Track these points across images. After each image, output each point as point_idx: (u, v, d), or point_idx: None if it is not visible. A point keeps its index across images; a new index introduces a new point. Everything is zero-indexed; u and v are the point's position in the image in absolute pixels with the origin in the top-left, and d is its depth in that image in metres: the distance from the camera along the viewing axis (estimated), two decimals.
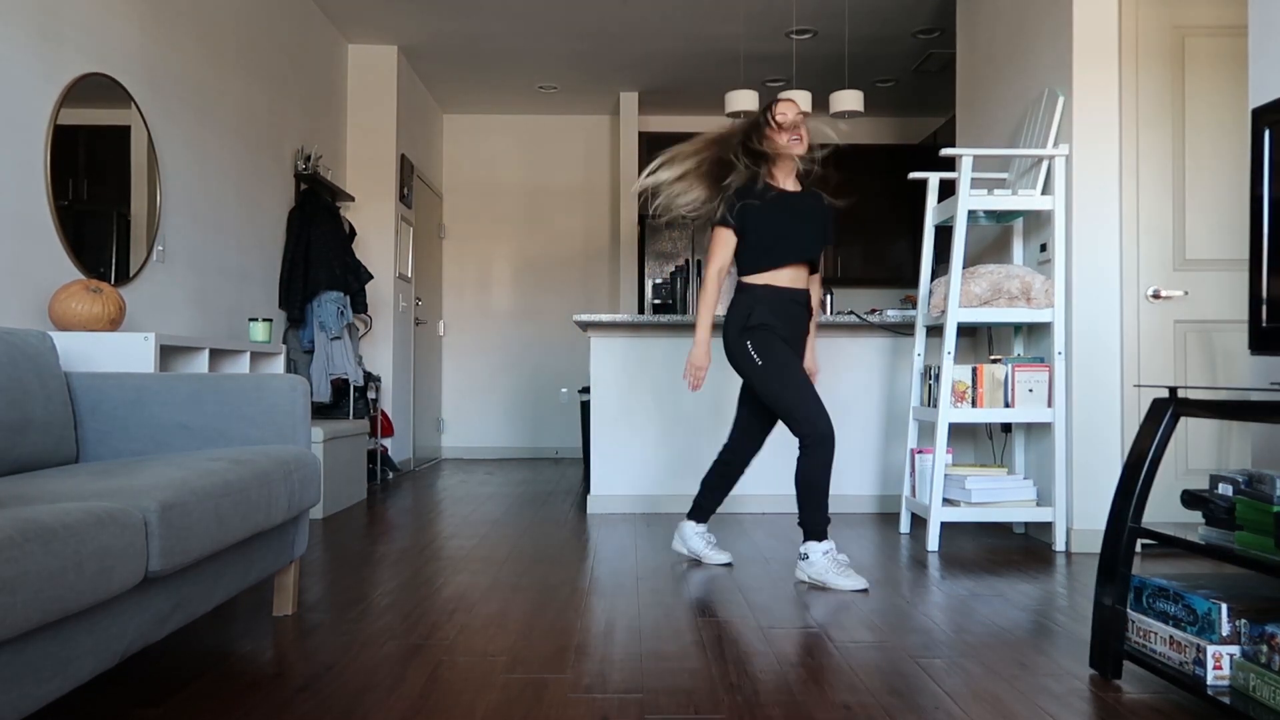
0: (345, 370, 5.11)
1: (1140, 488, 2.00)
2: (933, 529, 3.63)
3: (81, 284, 3.01)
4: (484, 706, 1.88)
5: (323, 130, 5.72)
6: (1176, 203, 3.64)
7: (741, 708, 1.88)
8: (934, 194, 4.10)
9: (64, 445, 2.40)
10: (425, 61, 6.59)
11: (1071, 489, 3.65)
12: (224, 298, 4.38)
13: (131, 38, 3.58)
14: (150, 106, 3.71)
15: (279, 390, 2.56)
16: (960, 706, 1.89)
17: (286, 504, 2.28)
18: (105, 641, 1.62)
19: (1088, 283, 3.65)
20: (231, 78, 4.45)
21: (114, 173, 3.49)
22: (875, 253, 7.57)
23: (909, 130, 7.84)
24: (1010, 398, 3.72)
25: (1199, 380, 3.61)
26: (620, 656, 2.21)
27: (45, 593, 1.35)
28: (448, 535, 3.87)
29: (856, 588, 2.92)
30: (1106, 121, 3.66)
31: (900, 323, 4.49)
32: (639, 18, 5.79)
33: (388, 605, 2.69)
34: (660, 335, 4.61)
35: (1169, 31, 3.65)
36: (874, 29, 5.95)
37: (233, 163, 4.47)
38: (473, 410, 7.79)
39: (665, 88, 7.14)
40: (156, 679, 2.04)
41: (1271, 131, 1.90)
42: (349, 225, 5.68)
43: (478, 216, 7.83)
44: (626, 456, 4.59)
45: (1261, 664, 1.69)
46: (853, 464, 4.61)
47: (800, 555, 3.02)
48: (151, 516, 1.68)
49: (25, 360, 2.32)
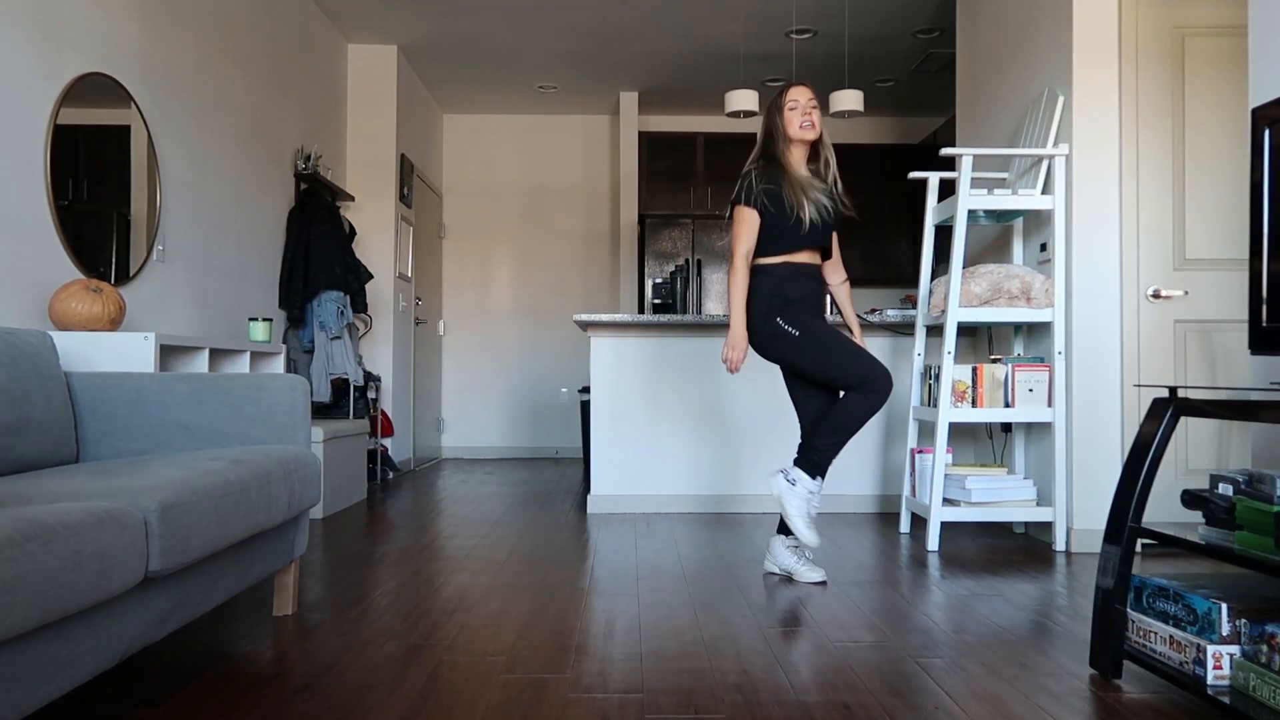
0: (345, 370, 5.11)
1: (1140, 487, 2.00)
2: (933, 529, 3.63)
3: (81, 284, 3.01)
4: (484, 706, 1.88)
5: (323, 130, 5.72)
6: (1176, 202, 3.64)
7: (741, 708, 1.88)
8: (934, 194, 4.10)
9: (64, 445, 2.40)
10: (425, 61, 6.59)
11: (1071, 489, 3.65)
12: (224, 297, 4.38)
13: (131, 37, 3.58)
14: (150, 106, 3.71)
15: (279, 390, 2.56)
16: (960, 706, 1.89)
17: (286, 504, 2.28)
18: (105, 641, 1.62)
19: (1088, 282, 3.65)
20: (232, 77, 4.45)
21: (114, 172, 3.49)
22: (875, 252, 7.56)
23: (909, 130, 7.84)
24: (1010, 397, 3.72)
25: (1199, 380, 3.61)
26: (620, 656, 2.21)
27: (45, 593, 1.35)
28: (448, 535, 3.87)
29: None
30: (1106, 121, 3.66)
31: (900, 322, 4.49)
32: (639, 17, 5.79)
33: (388, 605, 2.69)
34: (661, 335, 4.61)
35: (1169, 31, 3.65)
36: (874, 29, 5.95)
37: (232, 162, 4.47)
38: (473, 410, 7.79)
39: (665, 87, 7.14)
40: (157, 679, 2.05)
41: (1271, 131, 1.90)
42: (349, 225, 5.68)
43: (478, 216, 7.83)
44: (626, 456, 4.59)
45: (1261, 664, 1.69)
46: (853, 464, 4.61)
47: (786, 476, 2.99)
48: (152, 516, 1.68)
49: (25, 360, 2.32)
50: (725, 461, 4.60)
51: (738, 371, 3.15)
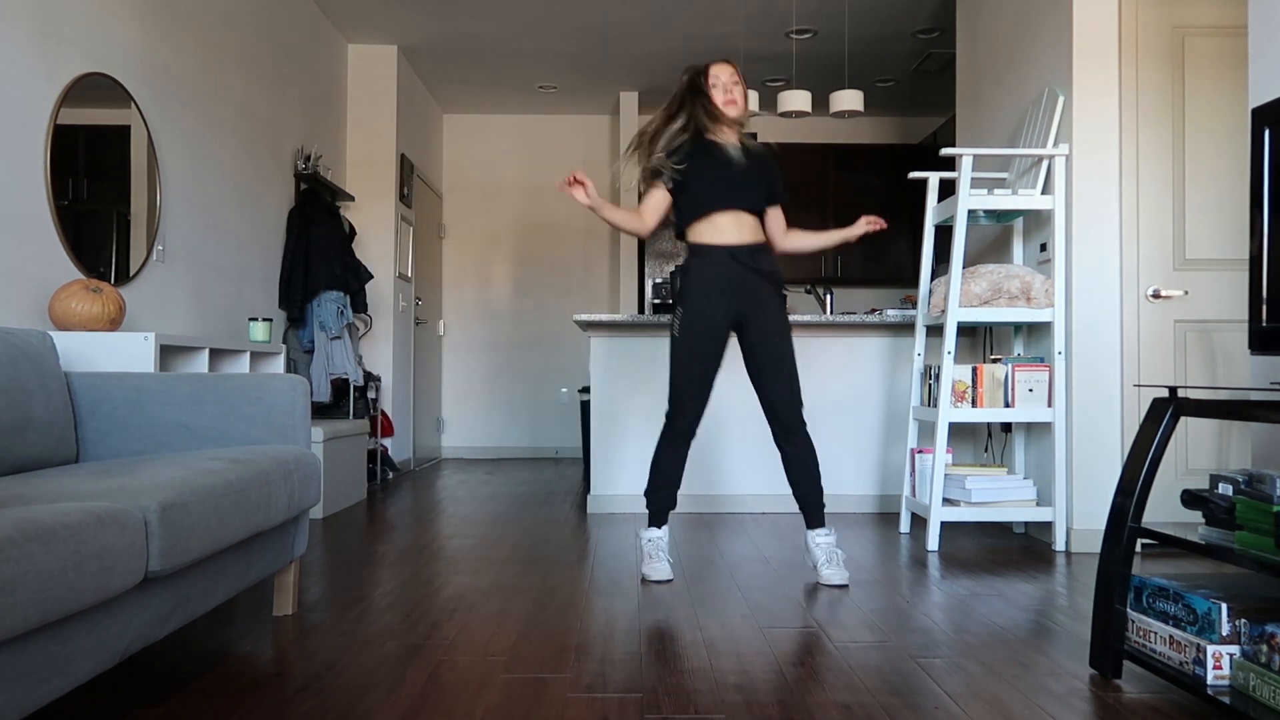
0: (345, 370, 5.11)
1: (1140, 487, 2.00)
2: (933, 529, 3.63)
3: (81, 284, 3.01)
4: (484, 706, 1.88)
5: (323, 130, 5.72)
6: (1176, 202, 3.64)
7: (741, 708, 1.88)
8: (934, 194, 4.10)
9: (64, 445, 2.40)
10: (425, 61, 6.59)
11: (1071, 489, 3.65)
12: (224, 297, 4.37)
13: (132, 37, 3.58)
14: (150, 106, 3.71)
15: (279, 390, 2.56)
16: (960, 706, 1.89)
17: (287, 504, 2.28)
18: (105, 641, 1.62)
19: (1088, 282, 3.65)
20: (231, 77, 4.45)
21: (114, 172, 3.49)
22: (875, 252, 7.56)
23: (909, 130, 7.84)
24: (1010, 397, 3.72)
25: (1198, 380, 3.61)
26: (620, 656, 2.21)
27: (45, 592, 1.35)
28: (448, 535, 3.87)
29: (657, 578, 3.01)
30: (1106, 121, 3.66)
31: (900, 322, 4.49)
32: (639, 17, 5.79)
33: (388, 605, 2.69)
34: (661, 335, 4.61)
35: (1169, 31, 3.65)
36: (874, 29, 5.95)
37: (232, 162, 4.47)
38: (472, 410, 7.79)
39: (665, 87, 7.12)
40: (157, 679, 2.04)
41: (1272, 131, 1.90)
42: (349, 225, 5.68)
43: (478, 216, 7.83)
44: (626, 456, 4.59)
45: (1261, 664, 1.69)
46: (852, 464, 4.61)
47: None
48: (152, 516, 1.68)
49: (25, 360, 2.32)
50: (724, 462, 4.60)
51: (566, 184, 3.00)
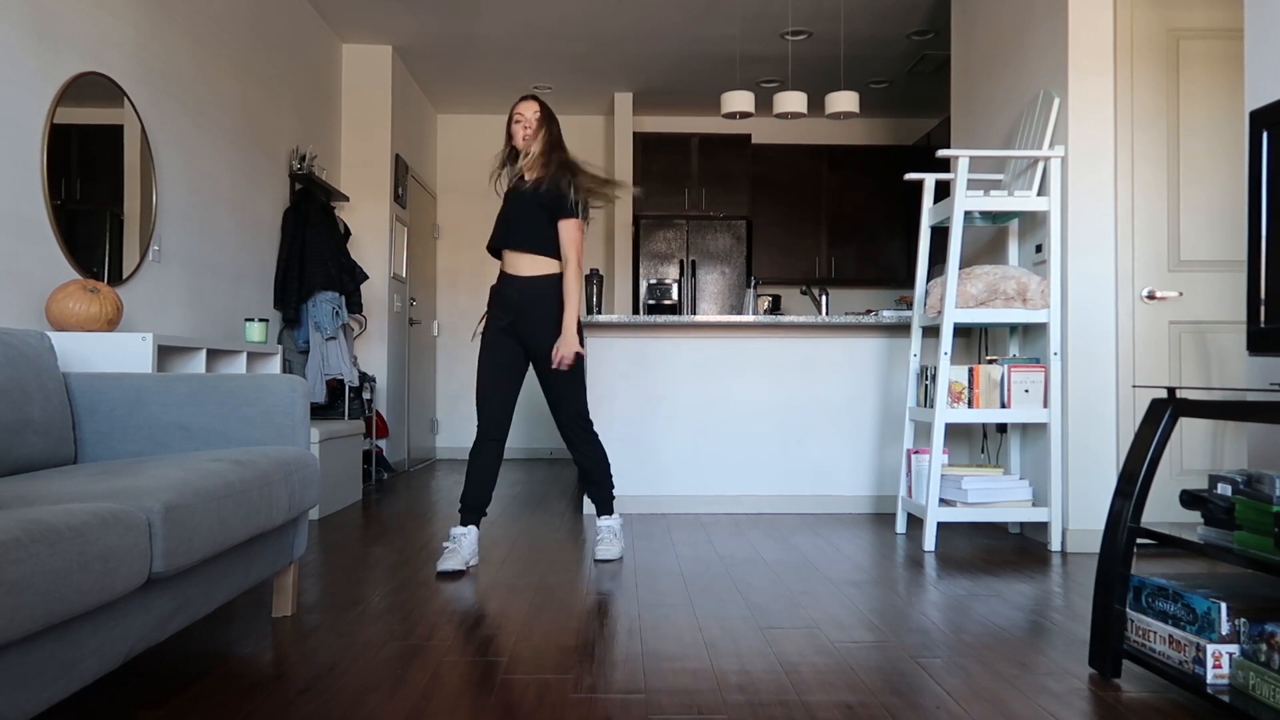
0: (340, 371, 5.10)
1: (1139, 487, 2.01)
2: (929, 529, 3.64)
3: (79, 284, 3.00)
4: (485, 707, 1.88)
5: (317, 130, 5.71)
6: (1171, 204, 3.66)
7: (742, 708, 1.88)
8: (930, 195, 4.11)
9: (62, 446, 2.39)
10: (419, 61, 6.58)
11: (1067, 489, 3.66)
12: (219, 298, 4.36)
13: (127, 37, 3.57)
14: (145, 106, 3.70)
15: (278, 391, 2.55)
16: (962, 706, 1.90)
17: (287, 505, 2.27)
18: (109, 643, 1.61)
19: (1083, 283, 3.67)
20: (226, 77, 4.44)
21: (109, 172, 3.47)
22: (870, 253, 7.58)
23: (903, 131, 7.86)
24: (1006, 398, 3.73)
25: (1193, 380, 3.63)
26: (620, 657, 2.22)
27: (51, 594, 1.34)
28: (445, 536, 3.87)
29: (445, 568, 3.10)
30: (1102, 123, 3.67)
31: (896, 323, 4.51)
32: (634, 18, 5.79)
33: (387, 606, 2.69)
34: (656, 335, 4.61)
35: (1163, 34, 3.67)
36: (869, 30, 5.97)
37: (227, 163, 4.46)
38: (467, 411, 7.78)
39: (660, 88, 7.15)
40: (159, 680, 2.04)
41: (1269, 133, 1.91)
42: (344, 225, 5.67)
43: (472, 217, 7.81)
44: (622, 457, 4.59)
45: (1261, 663, 1.70)
46: (848, 465, 4.62)
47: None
48: (155, 518, 1.68)
49: (23, 361, 2.31)
50: (722, 462, 4.61)
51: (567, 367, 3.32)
